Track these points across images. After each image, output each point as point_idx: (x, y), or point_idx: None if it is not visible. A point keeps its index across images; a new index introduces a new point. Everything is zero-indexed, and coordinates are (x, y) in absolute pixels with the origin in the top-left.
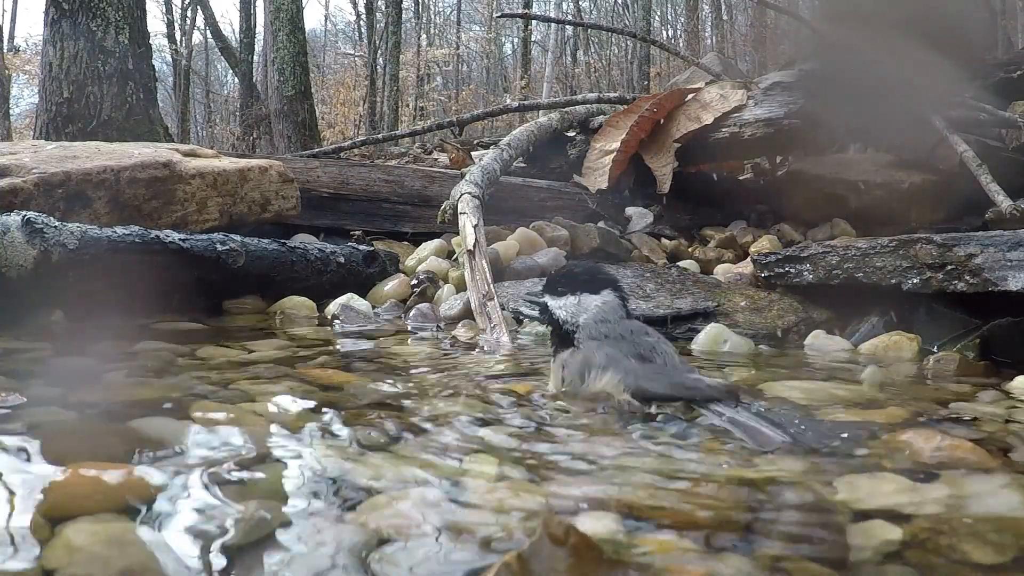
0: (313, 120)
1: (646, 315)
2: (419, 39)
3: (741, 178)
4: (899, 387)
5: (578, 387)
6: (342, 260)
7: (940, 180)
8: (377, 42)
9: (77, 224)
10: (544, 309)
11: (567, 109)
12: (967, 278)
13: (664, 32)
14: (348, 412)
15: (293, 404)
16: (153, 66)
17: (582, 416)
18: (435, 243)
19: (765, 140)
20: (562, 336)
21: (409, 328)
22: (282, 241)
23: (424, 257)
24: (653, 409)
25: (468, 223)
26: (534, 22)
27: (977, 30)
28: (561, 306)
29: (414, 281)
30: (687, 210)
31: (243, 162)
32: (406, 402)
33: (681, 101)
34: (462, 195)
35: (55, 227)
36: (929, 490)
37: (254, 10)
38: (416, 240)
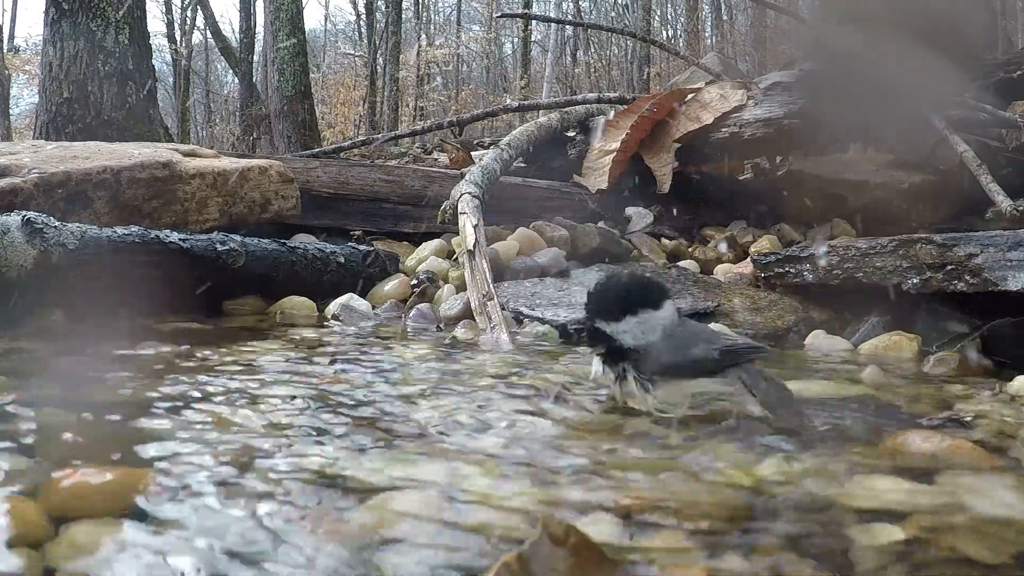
0: (313, 120)
1: None
2: (419, 39)
3: (741, 178)
4: (899, 387)
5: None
6: (342, 260)
7: (940, 180)
8: (377, 42)
9: (77, 224)
10: (596, 334)
11: (567, 109)
12: (967, 278)
13: (664, 32)
14: (347, 412)
15: (292, 404)
16: (153, 66)
17: (582, 415)
18: (435, 243)
19: (765, 140)
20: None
21: (409, 328)
22: (282, 241)
23: (424, 257)
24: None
25: (468, 223)
26: (534, 22)
27: (977, 30)
28: (624, 330)
29: (414, 281)
30: (687, 210)
31: (243, 162)
32: (406, 402)
33: (681, 101)
34: (462, 195)
35: (55, 227)
36: (929, 490)
37: (254, 10)
38: (416, 240)
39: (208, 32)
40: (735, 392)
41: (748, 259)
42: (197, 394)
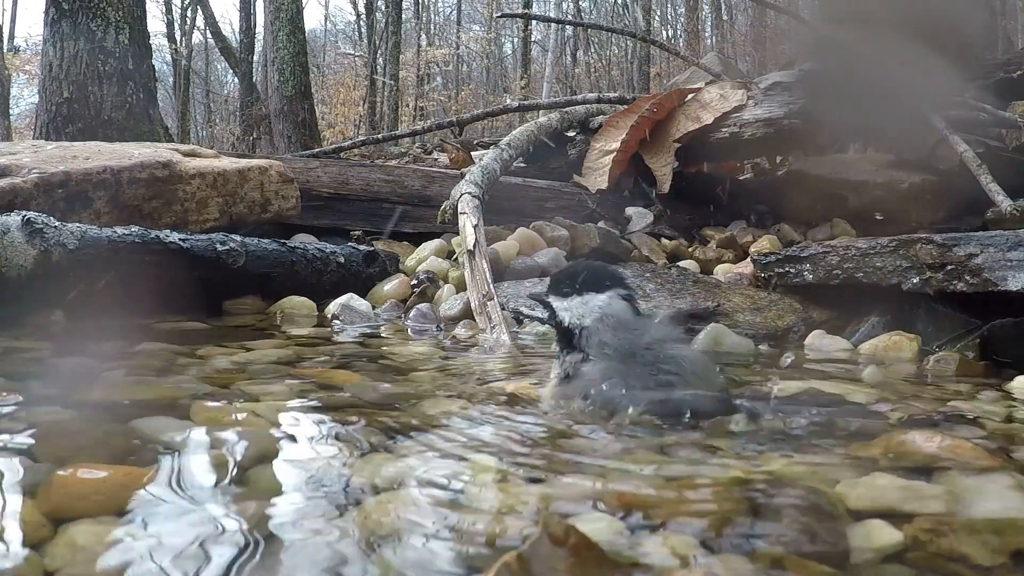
0: (313, 120)
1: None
2: (419, 39)
3: (741, 178)
4: (899, 387)
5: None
6: (342, 260)
7: (940, 180)
8: (377, 42)
9: (77, 224)
10: (548, 309)
11: (567, 109)
12: (967, 278)
13: (664, 32)
14: (348, 412)
15: (293, 404)
16: (153, 66)
17: (581, 415)
18: (435, 243)
19: (765, 140)
20: (567, 340)
21: (409, 328)
22: (282, 241)
23: (424, 257)
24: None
25: (468, 223)
26: (534, 22)
27: (977, 30)
28: (566, 307)
29: (414, 281)
30: (687, 210)
31: (243, 162)
32: (406, 402)
33: (681, 101)
34: (462, 195)
35: (55, 227)
36: (929, 490)
37: (254, 10)
38: (417, 240)
39: (208, 32)
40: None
41: (748, 259)
42: (197, 393)
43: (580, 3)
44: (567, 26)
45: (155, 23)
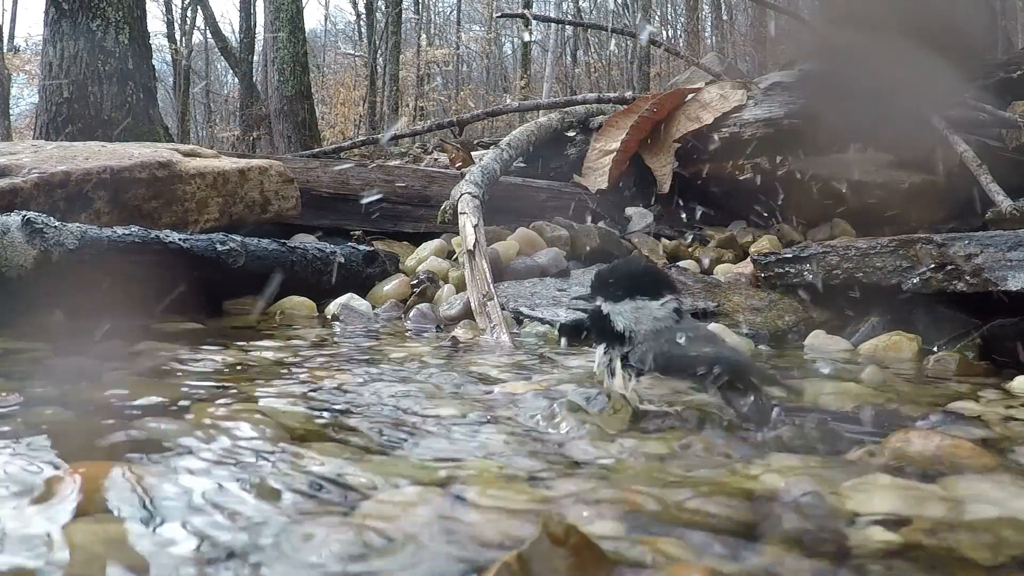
0: (313, 120)
1: None
2: (419, 39)
3: (741, 178)
4: (899, 387)
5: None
6: (342, 260)
7: (940, 180)
8: (377, 42)
9: (77, 224)
10: (598, 315)
11: (567, 109)
12: (967, 278)
13: (664, 32)
14: (347, 412)
15: (292, 404)
16: (153, 66)
17: (582, 416)
18: (435, 243)
19: (765, 140)
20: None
21: (409, 328)
22: (282, 241)
23: (424, 257)
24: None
25: (468, 223)
26: (534, 22)
27: (977, 30)
28: (620, 312)
29: (414, 281)
30: (687, 210)
31: (243, 162)
32: (406, 402)
33: (681, 101)
34: (462, 195)
35: (55, 227)
36: (929, 491)
37: (254, 10)
38: (417, 240)
39: (208, 32)
40: (714, 401)
41: (748, 259)
42: (196, 394)
43: (580, 3)
44: (567, 26)
45: (155, 23)
